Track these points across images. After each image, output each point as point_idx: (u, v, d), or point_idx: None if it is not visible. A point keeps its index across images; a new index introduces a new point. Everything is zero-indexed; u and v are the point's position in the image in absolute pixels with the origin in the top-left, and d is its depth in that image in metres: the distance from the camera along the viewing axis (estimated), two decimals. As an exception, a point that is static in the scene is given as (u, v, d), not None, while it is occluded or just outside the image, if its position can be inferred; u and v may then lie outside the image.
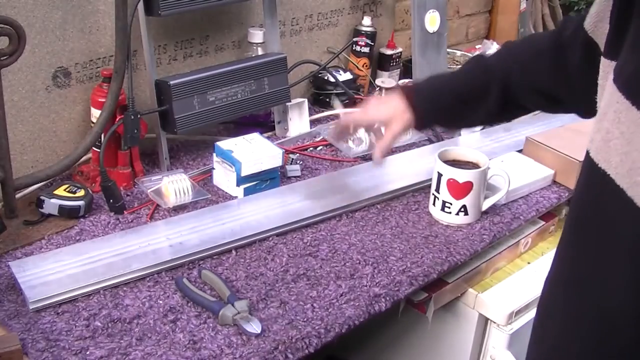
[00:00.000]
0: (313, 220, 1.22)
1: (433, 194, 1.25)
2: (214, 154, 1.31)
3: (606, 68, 0.74)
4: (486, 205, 1.27)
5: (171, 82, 1.29)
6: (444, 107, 1.14)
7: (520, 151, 1.47)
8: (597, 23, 0.82)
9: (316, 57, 1.71)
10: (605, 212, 0.70)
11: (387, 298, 1.05)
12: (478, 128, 1.59)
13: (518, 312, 1.24)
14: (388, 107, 1.15)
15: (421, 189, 1.34)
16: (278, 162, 1.30)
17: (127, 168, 1.29)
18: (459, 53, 1.95)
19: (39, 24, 1.20)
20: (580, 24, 0.89)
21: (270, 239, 1.17)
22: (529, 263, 1.34)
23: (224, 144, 1.30)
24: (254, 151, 1.28)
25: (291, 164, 1.40)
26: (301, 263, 1.11)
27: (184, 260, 1.09)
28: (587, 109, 0.92)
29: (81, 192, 1.19)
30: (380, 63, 1.84)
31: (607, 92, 0.70)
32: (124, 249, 1.09)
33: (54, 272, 1.02)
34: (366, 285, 1.07)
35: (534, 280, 1.29)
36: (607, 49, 0.75)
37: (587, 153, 0.72)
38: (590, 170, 0.71)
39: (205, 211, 1.22)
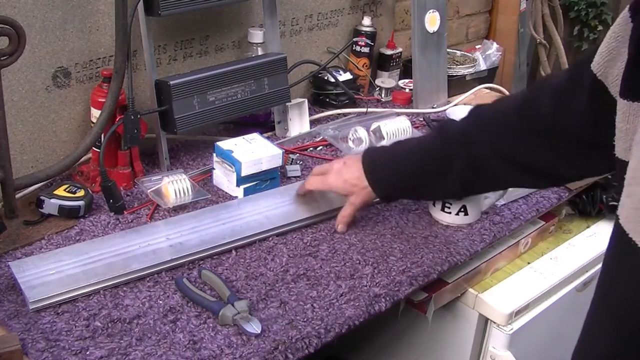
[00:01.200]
0: (313, 221, 1.22)
1: (433, 194, 1.25)
2: (214, 154, 1.31)
3: (628, 110, 0.68)
4: (486, 205, 1.26)
5: (171, 82, 1.29)
6: (405, 188, 1.14)
7: (520, 151, 1.46)
8: (608, 62, 0.76)
9: (316, 57, 1.71)
10: (635, 289, 0.63)
11: (387, 298, 1.05)
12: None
13: (518, 312, 1.24)
14: (349, 180, 1.15)
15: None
16: (278, 163, 1.30)
17: (127, 168, 1.29)
18: (459, 53, 1.95)
19: (39, 24, 1.20)
20: (579, 70, 0.84)
21: (270, 239, 1.17)
22: (529, 263, 1.34)
23: (224, 144, 1.30)
24: (254, 151, 1.28)
25: (291, 164, 1.40)
26: (301, 263, 1.11)
27: (184, 260, 1.09)
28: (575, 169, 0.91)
29: (81, 192, 1.19)
30: (380, 63, 1.84)
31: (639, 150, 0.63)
32: (123, 249, 1.09)
33: (53, 272, 1.02)
34: (366, 285, 1.07)
35: (534, 281, 1.29)
36: (626, 88, 0.69)
37: (617, 218, 0.65)
38: (620, 240, 0.64)
39: (205, 211, 1.22)
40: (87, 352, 0.90)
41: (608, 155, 0.72)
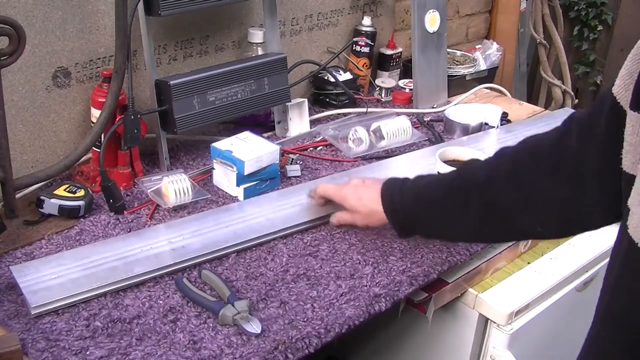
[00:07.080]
0: (316, 223, 1.21)
1: (433, 194, 1.25)
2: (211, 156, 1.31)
3: (638, 122, 0.67)
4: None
5: (171, 82, 1.29)
6: (418, 222, 1.08)
7: (520, 151, 1.46)
8: (629, 85, 0.73)
9: (316, 57, 1.71)
10: None
11: (387, 298, 1.05)
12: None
13: (518, 312, 1.24)
14: (363, 198, 1.12)
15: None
16: (276, 159, 1.30)
17: (127, 168, 1.29)
18: (459, 53, 1.95)
19: (39, 24, 1.20)
20: (601, 99, 0.80)
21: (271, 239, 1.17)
22: (529, 263, 1.34)
23: (220, 144, 1.30)
24: (253, 149, 1.28)
25: (291, 164, 1.40)
26: (301, 263, 1.11)
27: (187, 264, 1.08)
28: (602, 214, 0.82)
29: (81, 192, 1.19)
30: (380, 63, 1.84)
31: None
32: (125, 253, 1.08)
33: (55, 276, 1.01)
34: (366, 285, 1.07)
35: (534, 280, 1.29)
36: (636, 100, 0.68)
37: (625, 227, 0.64)
38: (629, 250, 0.63)
39: (207, 214, 1.21)
40: (87, 352, 0.90)
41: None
